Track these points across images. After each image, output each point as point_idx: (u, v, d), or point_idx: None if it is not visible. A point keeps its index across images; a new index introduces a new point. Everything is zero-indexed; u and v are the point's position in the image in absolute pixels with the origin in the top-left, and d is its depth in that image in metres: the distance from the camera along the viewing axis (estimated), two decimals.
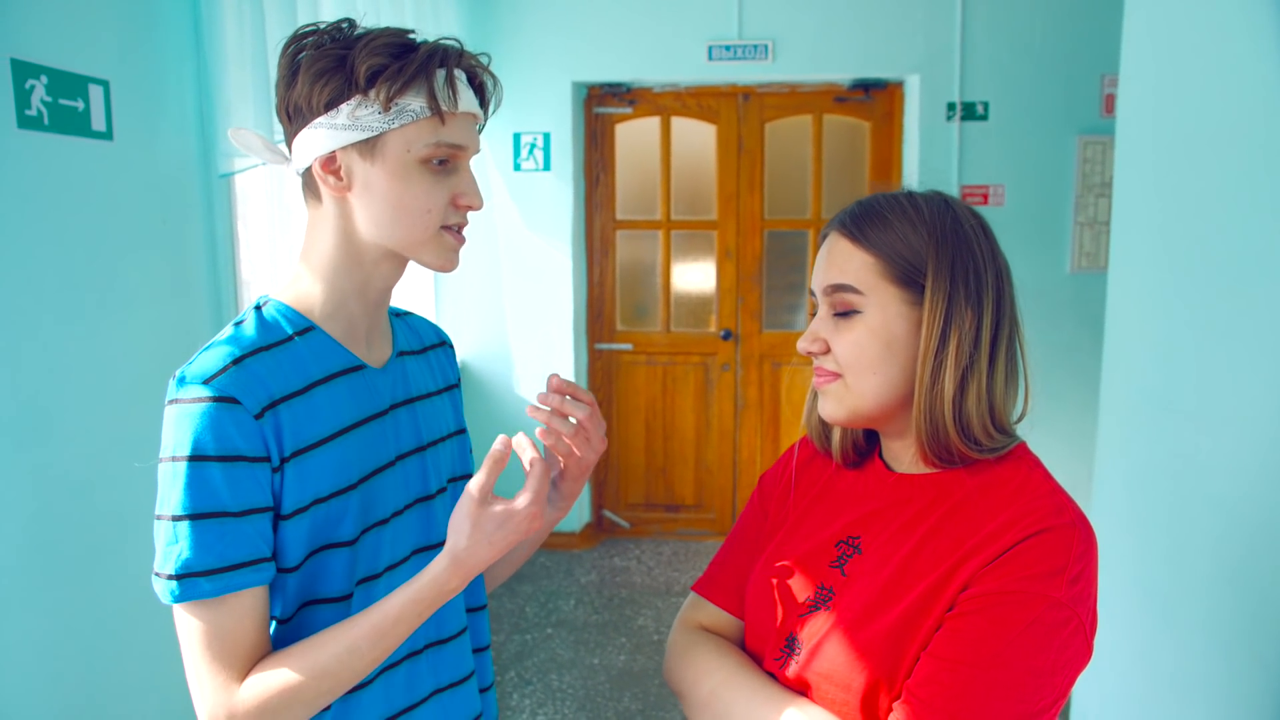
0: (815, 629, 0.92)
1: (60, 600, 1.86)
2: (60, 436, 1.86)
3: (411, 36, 0.94)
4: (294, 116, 0.95)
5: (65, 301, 1.89)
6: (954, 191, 3.98)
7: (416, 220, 0.95)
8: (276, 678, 0.87)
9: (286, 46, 0.94)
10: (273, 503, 0.90)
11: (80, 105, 1.92)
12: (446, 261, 0.99)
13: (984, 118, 4.06)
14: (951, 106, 4.06)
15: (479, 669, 1.15)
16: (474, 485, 0.89)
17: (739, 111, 4.36)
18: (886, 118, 4.30)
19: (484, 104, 1.01)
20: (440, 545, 1.05)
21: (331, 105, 0.92)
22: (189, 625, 0.88)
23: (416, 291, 4.24)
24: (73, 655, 1.89)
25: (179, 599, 0.86)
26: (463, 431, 1.17)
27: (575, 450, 1.02)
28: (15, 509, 1.77)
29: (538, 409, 0.99)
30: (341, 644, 0.88)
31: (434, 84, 0.92)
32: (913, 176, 4.16)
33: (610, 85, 4.37)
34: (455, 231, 0.98)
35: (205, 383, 0.88)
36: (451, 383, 1.18)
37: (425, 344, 1.15)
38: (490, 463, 0.89)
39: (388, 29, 0.93)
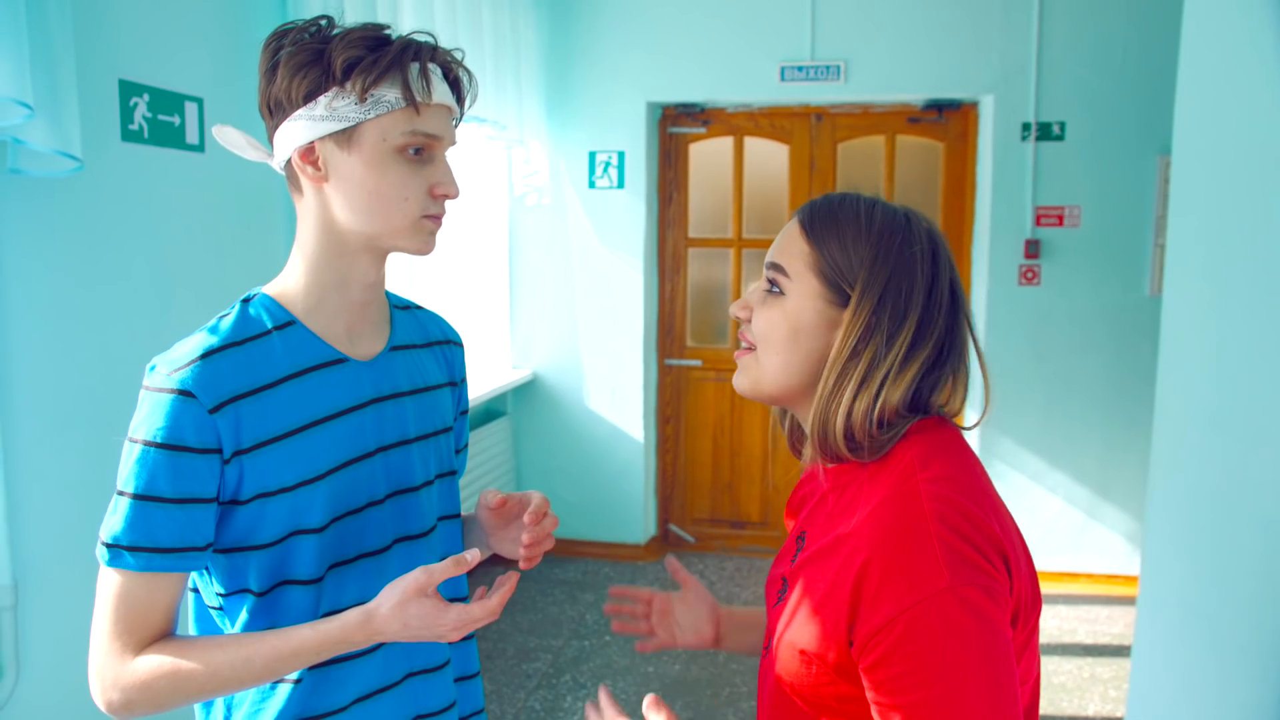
0: (776, 619, 1.00)
1: None
2: None
3: (387, 32, 0.98)
4: (274, 110, 0.99)
5: (157, 300, 2.06)
6: (1028, 213, 3.99)
7: (394, 208, 0.98)
8: (169, 662, 0.92)
9: (268, 43, 0.98)
10: (217, 494, 0.94)
11: (177, 120, 2.10)
12: (424, 245, 1.02)
13: (1060, 138, 4.00)
14: (1026, 127, 4.01)
15: (459, 656, 1.16)
16: (427, 573, 0.91)
17: (811, 132, 4.40)
18: (960, 138, 4.27)
19: (460, 99, 1.04)
20: (421, 536, 1.09)
21: (310, 97, 0.95)
22: (106, 588, 0.95)
23: (490, 305, 4.40)
24: None
25: (107, 563, 0.94)
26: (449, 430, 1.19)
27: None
28: (104, 490, 1.93)
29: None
30: (240, 653, 0.92)
31: (408, 75, 0.95)
32: (986, 198, 4.12)
33: (684, 105, 4.46)
34: (433, 218, 1.01)
35: (170, 374, 0.93)
36: (456, 379, 1.20)
37: (431, 339, 1.17)
38: (453, 563, 0.92)
39: (366, 25, 0.98)
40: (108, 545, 0.94)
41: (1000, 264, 4.10)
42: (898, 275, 0.93)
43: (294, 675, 1.00)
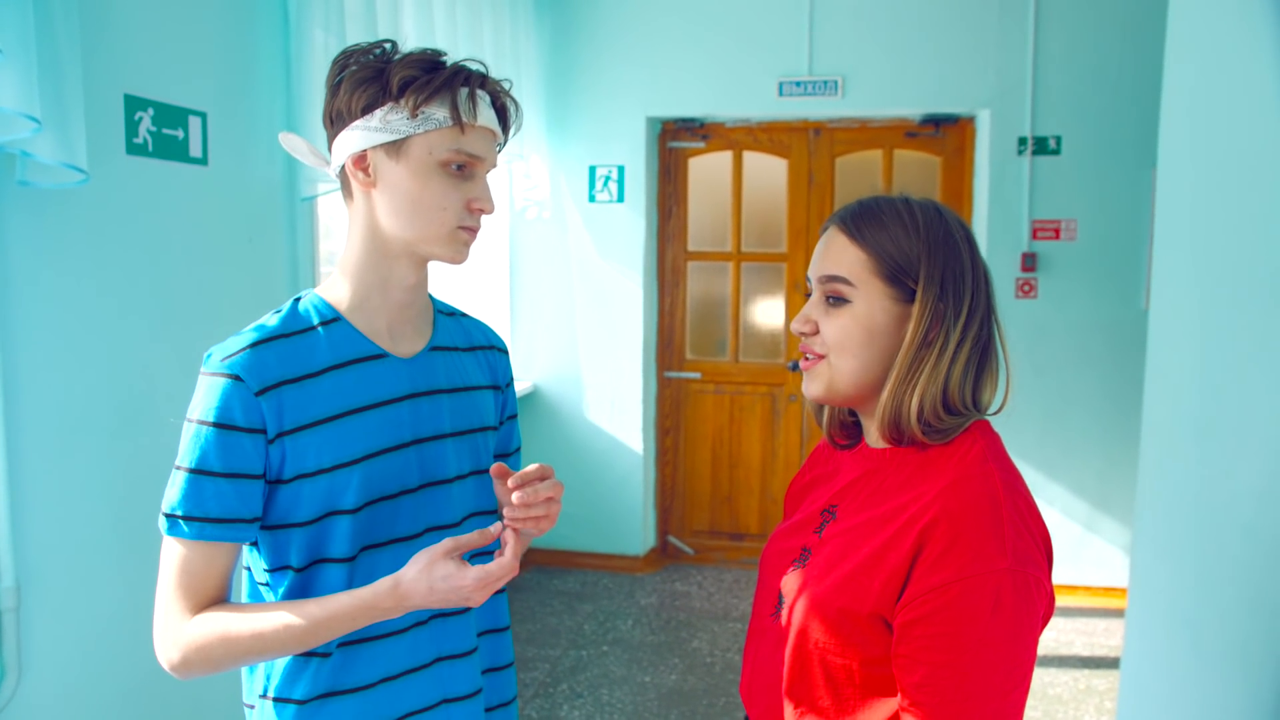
0: (793, 583, 1.03)
1: (146, 578, 2.05)
2: (149, 432, 2.06)
3: (444, 59, 1.07)
4: (335, 121, 1.08)
5: (160, 309, 2.10)
6: (1024, 226, 4.03)
7: (433, 216, 1.07)
8: (220, 626, 1.01)
9: (336, 60, 1.08)
10: (263, 470, 1.04)
11: (181, 134, 2.15)
12: (457, 254, 1.11)
13: (1056, 152, 4.04)
14: (1023, 141, 4.05)
15: (489, 647, 1.22)
16: (454, 540, 1.00)
17: (810, 146, 4.44)
18: (957, 152, 4.31)
19: (505, 125, 1.13)
20: (451, 526, 1.15)
21: (367, 110, 1.05)
22: (167, 557, 1.04)
23: (491, 318, 4.43)
24: (142, 631, 2.07)
25: (167, 532, 1.03)
26: (496, 428, 1.26)
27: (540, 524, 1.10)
28: (108, 494, 1.96)
29: (520, 507, 1.04)
30: (282, 618, 1.00)
31: (457, 97, 1.04)
32: (983, 211, 4.15)
33: (684, 120, 4.51)
34: (469, 230, 1.10)
35: (222, 360, 1.03)
36: (500, 383, 1.27)
37: (475, 344, 1.25)
38: (479, 534, 1.01)
39: (425, 50, 1.07)
40: (166, 515, 1.03)
41: (997, 277, 4.09)
42: (950, 262, 0.99)
43: (324, 649, 1.07)
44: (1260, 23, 1.74)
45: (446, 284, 3.95)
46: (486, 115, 1.08)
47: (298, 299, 1.13)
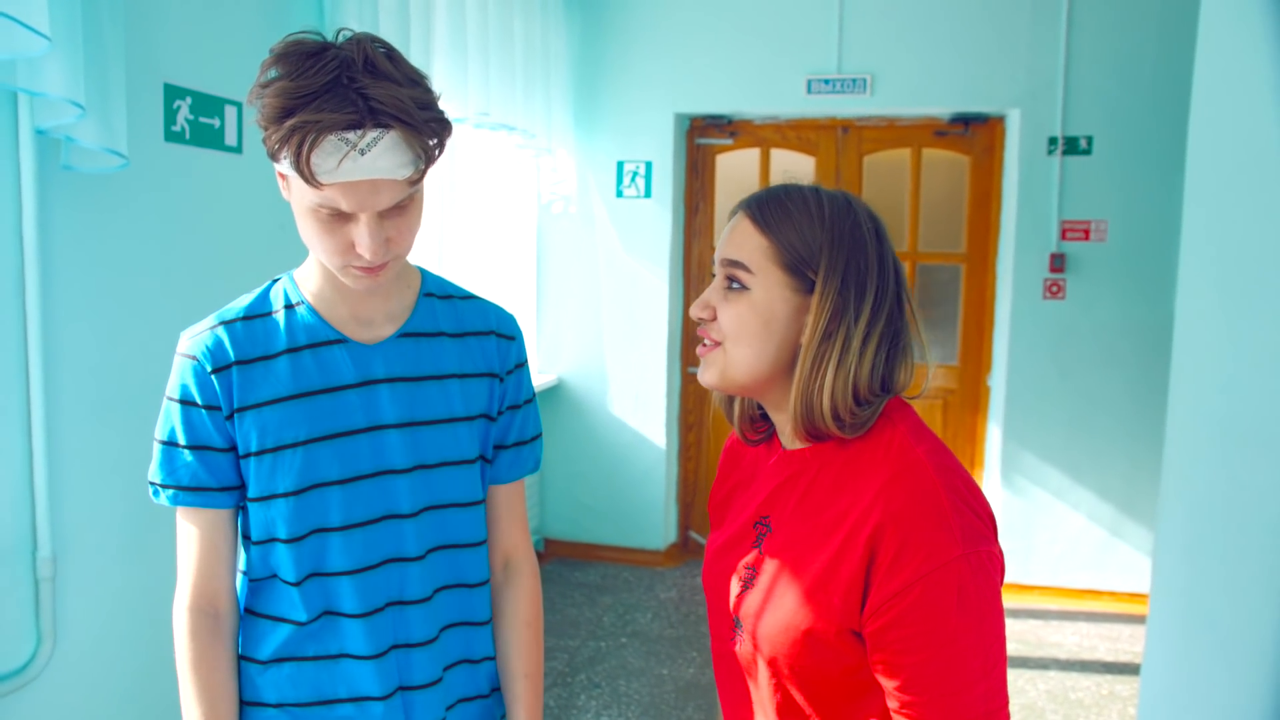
0: (750, 608, 1.01)
1: (171, 551, 2.10)
2: None
3: (311, 93, 0.92)
4: None
5: (193, 292, 2.15)
6: (1054, 227, 4.00)
7: (320, 254, 1.03)
8: (187, 672, 1.09)
9: (264, 61, 0.99)
10: (228, 444, 1.08)
11: (217, 123, 2.20)
12: (358, 285, 1.05)
13: (1087, 152, 4.01)
14: (1053, 140, 4.02)
15: (464, 641, 1.19)
16: None
17: (838, 144, 4.44)
18: (987, 152, 4.29)
19: (422, 148, 0.97)
20: (406, 517, 1.11)
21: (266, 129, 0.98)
22: (178, 525, 1.11)
23: (517, 311, 4.47)
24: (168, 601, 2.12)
25: (153, 498, 1.10)
26: (490, 417, 1.20)
27: None
28: (138, 471, 2.01)
29: None
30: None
31: (300, 157, 0.92)
32: (1011, 211, 4.13)
33: (712, 117, 4.52)
34: (361, 269, 1.02)
35: (188, 341, 1.10)
36: (498, 371, 1.19)
37: (468, 330, 1.18)
38: None
39: (304, 75, 0.93)
40: (150, 483, 1.11)
41: (1025, 278, 4.10)
42: (854, 255, 0.97)
43: (297, 617, 1.11)
44: None
45: (471, 275, 3.99)
46: (350, 168, 0.94)
47: (275, 281, 1.15)
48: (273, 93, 0.94)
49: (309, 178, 0.94)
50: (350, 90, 0.93)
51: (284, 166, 0.98)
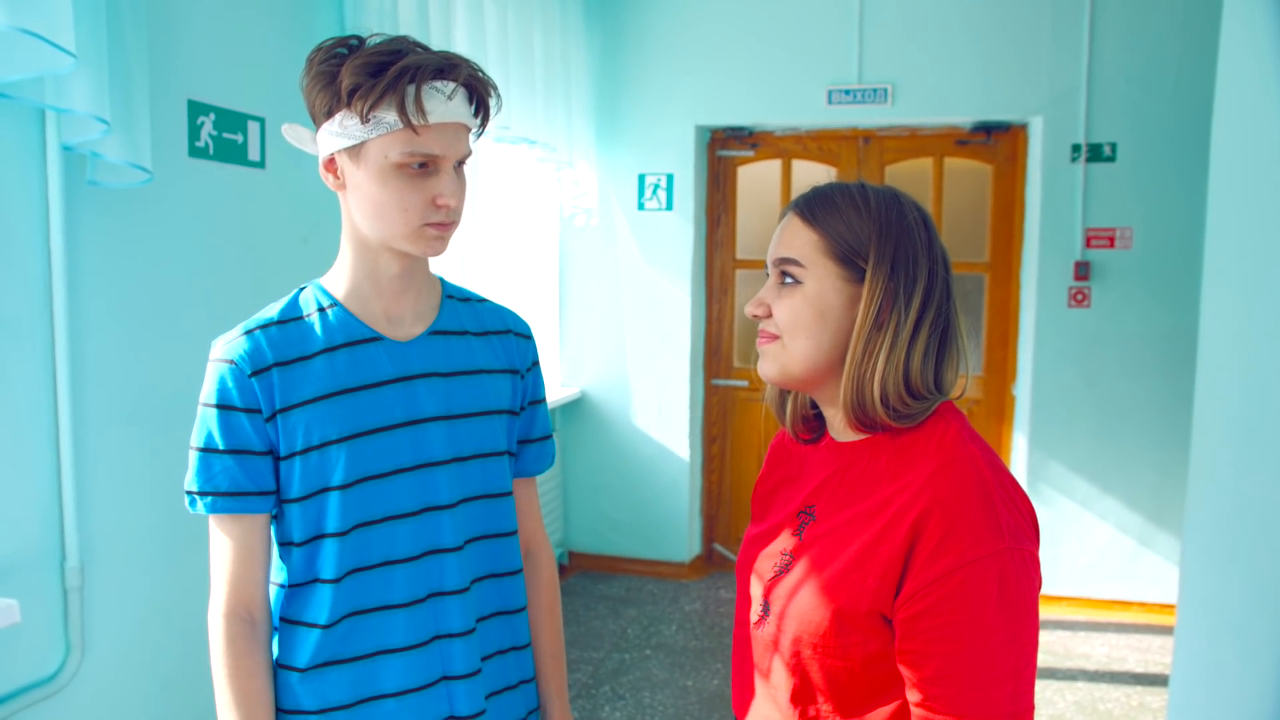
0: (782, 591, 1.01)
1: (198, 561, 2.13)
2: None
3: (398, 53, 1.04)
4: (313, 118, 1.11)
5: (217, 305, 2.18)
6: (1078, 235, 3.97)
7: (396, 217, 1.08)
8: (223, 677, 1.10)
9: (309, 57, 1.08)
10: (267, 447, 1.10)
11: (240, 138, 2.23)
12: (428, 249, 1.11)
13: (1111, 159, 3.97)
14: (1077, 148, 3.99)
15: (499, 630, 1.23)
16: None
17: (859, 154, 4.43)
18: (1009, 160, 4.26)
19: (479, 108, 1.10)
20: (445, 509, 1.15)
21: (328, 115, 1.07)
22: (211, 533, 1.12)
23: (540, 324, 4.49)
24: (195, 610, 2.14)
25: (190, 509, 1.11)
26: (514, 412, 1.26)
27: None
28: (164, 482, 2.05)
29: None
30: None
31: (404, 99, 1.02)
32: (1035, 219, 4.10)
33: (732, 129, 4.53)
34: (437, 225, 1.10)
35: (223, 346, 1.11)
36: (518, 368, 1.26)
37: (488, 329, 1.25)
38: None
39: (378, 46, 1.05)
40: (186, 493, 1.11)
41: (1049, 286, 4.07)
42: (902, 243, 0.98)
43: (324, 620, 1.12)
44: None
45: (495, 288, 4.02)
46: (443, 110, 1.05)
47: (301, 289, 1.18)
48: (355, 58, 1.03)
49: (421, 114, 1.03)
50: (422, 50, 1.06)
51: (364, 129, 1.04)
